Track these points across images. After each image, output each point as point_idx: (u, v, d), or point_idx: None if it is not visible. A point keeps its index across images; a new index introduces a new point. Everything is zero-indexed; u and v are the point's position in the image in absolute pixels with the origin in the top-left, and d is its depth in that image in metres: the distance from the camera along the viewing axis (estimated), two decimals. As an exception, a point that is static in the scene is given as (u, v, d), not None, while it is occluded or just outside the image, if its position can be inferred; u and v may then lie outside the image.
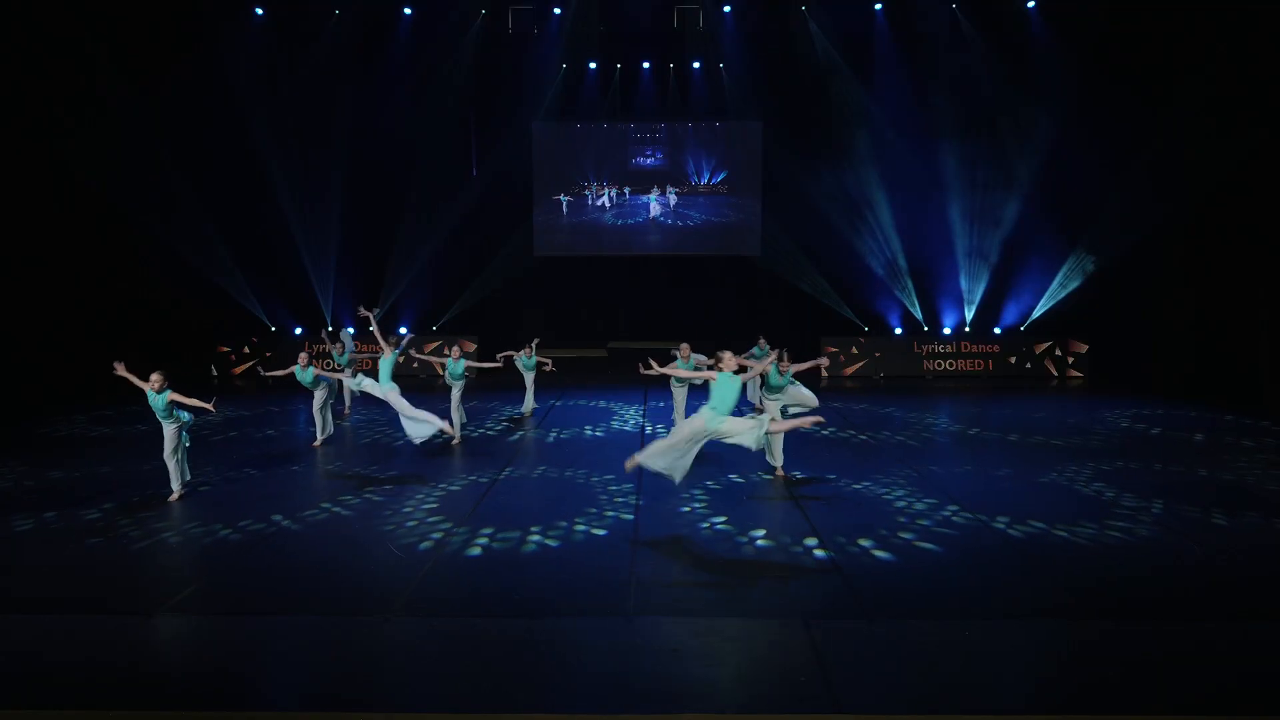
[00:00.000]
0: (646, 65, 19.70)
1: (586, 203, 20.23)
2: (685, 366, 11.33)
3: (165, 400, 8.52)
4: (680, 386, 11.76)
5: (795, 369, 9.59)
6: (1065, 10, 17.19)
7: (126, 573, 6.63)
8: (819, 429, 10.21)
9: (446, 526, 7.75)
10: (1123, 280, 17.21)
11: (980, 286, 18.82)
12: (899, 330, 19.26)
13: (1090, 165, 16.81)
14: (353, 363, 13.50)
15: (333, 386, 11.51)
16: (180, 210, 17.19)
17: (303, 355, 11.21)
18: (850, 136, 18.52)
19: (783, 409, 9.73)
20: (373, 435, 12.21)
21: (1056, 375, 18.18)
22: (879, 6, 18.43)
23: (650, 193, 20.17)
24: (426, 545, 7.25)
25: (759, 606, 6.00)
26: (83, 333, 15.73)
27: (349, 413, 13.62)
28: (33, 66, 14.55)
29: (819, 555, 7.01)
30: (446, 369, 12.15)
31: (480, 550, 7.15)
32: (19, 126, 14.38)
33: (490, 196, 19.58)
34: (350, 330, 14.61)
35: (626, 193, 20.23)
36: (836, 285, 19.31)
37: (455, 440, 11.42)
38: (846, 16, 18.39)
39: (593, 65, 19.63)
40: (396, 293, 19.12)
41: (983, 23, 17.99)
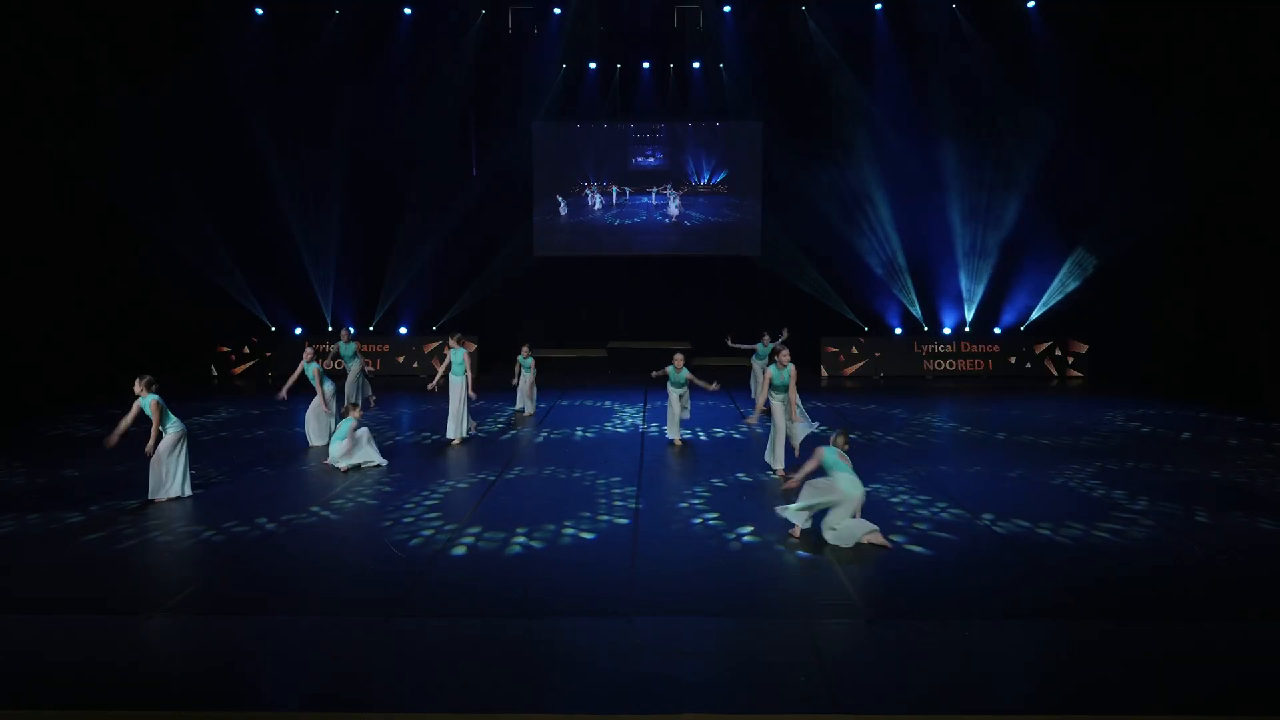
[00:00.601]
0: (646, 65, 19.71)
1: (586, 203, 20.24)
2: (676, 378, 11.38)
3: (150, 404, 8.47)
4: (678, 389, 11.54)
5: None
6: (1065, 10, 17.20)
7: (126, 573, 6.63)
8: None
9: (446, 526, 7.75)
10: (1123, 280, 17.21)
11: (980, 286, 18.82)
12: (899, 330, 19.26)
13: (1090, 165, 16.82)
14: (357, 355, 13.57)
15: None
16: (180, 210, 17.20)
17: (308, 350, 11.36)
18: (850, 136, 18.52)
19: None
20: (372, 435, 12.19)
21: (1056, 375, 18.18)
22: (879, 6, 18.44)
23: (650, 193, 20.18)
24: (426, 545, 7.25)
25: (759, 606, 6.00)
26: (83, 333, 15.75)
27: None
28: (33, 66, 14.56)
29: (819, 556, 7.01)
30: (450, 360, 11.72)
31: (480, 550, 7.15)
32: (19, 126, 14.39)
33: (490, 196, 19.59)
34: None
35: (627, 192, 20.24)
36: (837, 285, 19.32)
37: (456, 441, 11.45)
38: (846, 16, 18.40)
39: (593, 65, 19.64)
40: (396, 293, 19.13)
41: (983, 22, 18.01)
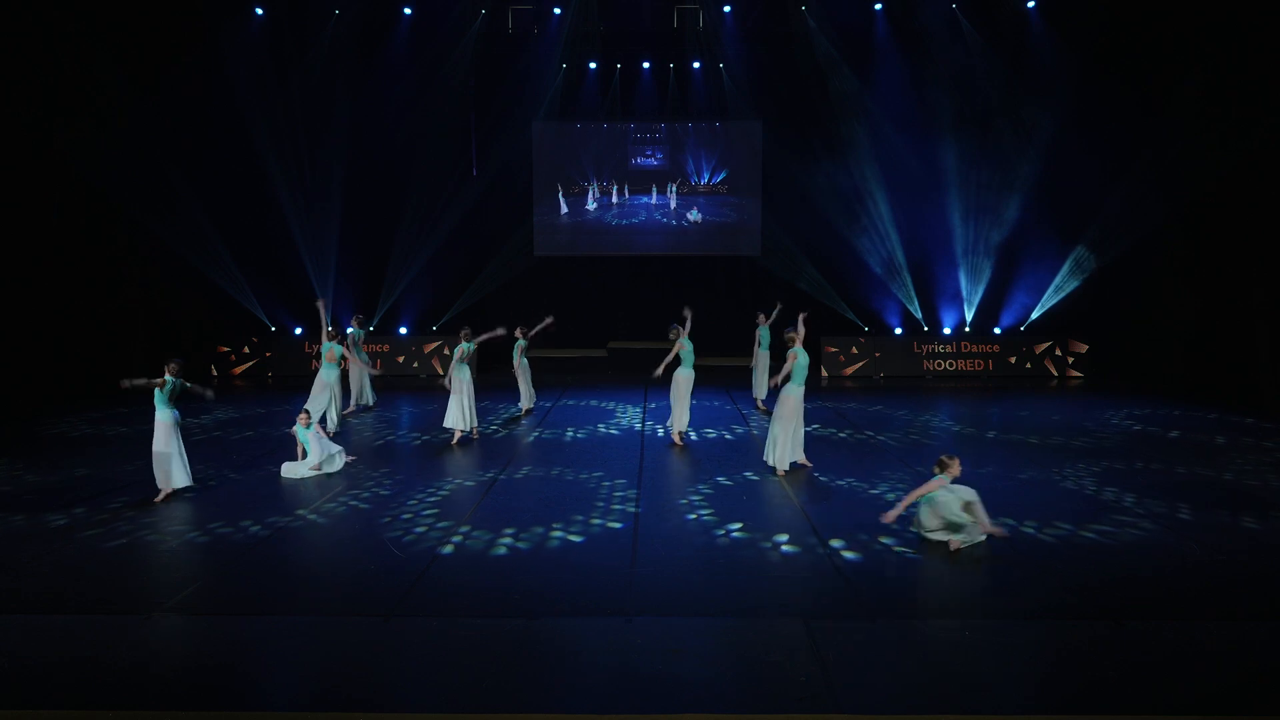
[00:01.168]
0: (646, 65, 19.70)
1: (586, 203, 20.24)
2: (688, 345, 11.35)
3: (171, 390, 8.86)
4: (686, 377, 11.36)
5: None
6: (1065, 10, 17.20)
7: (126, 573, 6.64)
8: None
9: (446, 526, 7.76)
10: (1123, 280, 17.21)
11: (980, 286, 18.82)
12: (899, 330, 19.25)
13: (1090, 165, 16.81)
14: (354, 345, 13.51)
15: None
16: (180, 210, 17.18)
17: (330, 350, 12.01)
18: (850, 136, 18.50)
19: None
20: (373, 435, 12.21)
21: (1056, 375, 18.17)
22: (879, 6, 18.43)
23: (650, 193, 20.17)
24: (426, 545, 7.25)
25: (759, 606, 6.00)
26: (83, 333, 15.74)
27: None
28: (33, 66, 14.55)
29: (819, 555, 7.02)
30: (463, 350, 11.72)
31: (480, 550, 7.15)
32: (19, 126, 14.37)
33: (490, 196, 19.57)
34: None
35: (626, 190, 20.23)
36: (836, 285, 19.30)
37: (465, 435, 11.63)
38: (846, 16, 18.40)
39: (593, 65, 19.62)
40: (397, 293, 19.12)
41: (983, 23, 18.00)
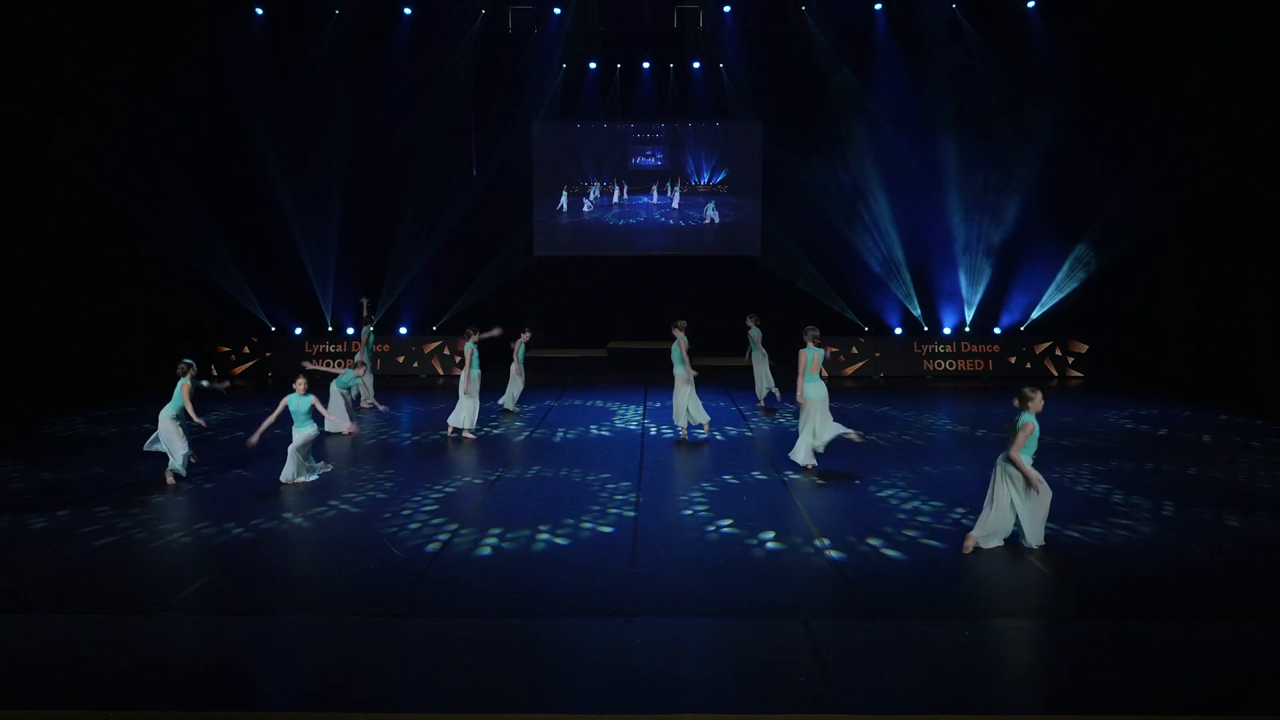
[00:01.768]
0: (646, 65, 19.70)
1: (586, 203, 20.25)
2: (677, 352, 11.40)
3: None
4: (686, 383, 11.42)
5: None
6: (1065, 10, 17.20)
7: (126, 573, 6.63)
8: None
9: (446, 526, 7.76)
10: (1123, 280, 17.21)
11: (980, 286, 18.82)
12: (899, 330, 19.25)
13: (1090, 165, 16.81)
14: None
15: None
16: (180, 210, 17.19)
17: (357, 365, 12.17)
18: (850, 136, 18.51)
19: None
20: (373, 435, 12.21)
21: (1056, 375, 18.17)
22: (879, 6, 18.43)
23: (650, 193, 20.18)
24: (426, 545, 7.25)
25: (759, 606, 6.00)
26: (83, 333, 15.74)
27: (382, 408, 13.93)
28: (33, 66, 14.55)
29: (819, 555, 7.02)
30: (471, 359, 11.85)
31: (480, 550, 7.15)
32: (19, 126, 14.37)
33: (490, 196, 19.57)
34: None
35: (626, 189, 20.23)
36: (836, 285, 19.30)
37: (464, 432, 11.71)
38: (846, 16, 18.39)
39: (593, 65, 19.62)
40: (397, 293, 19.12)
41: (983, 23, 17.99)
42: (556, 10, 18.61)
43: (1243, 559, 6.91)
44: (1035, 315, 18.70)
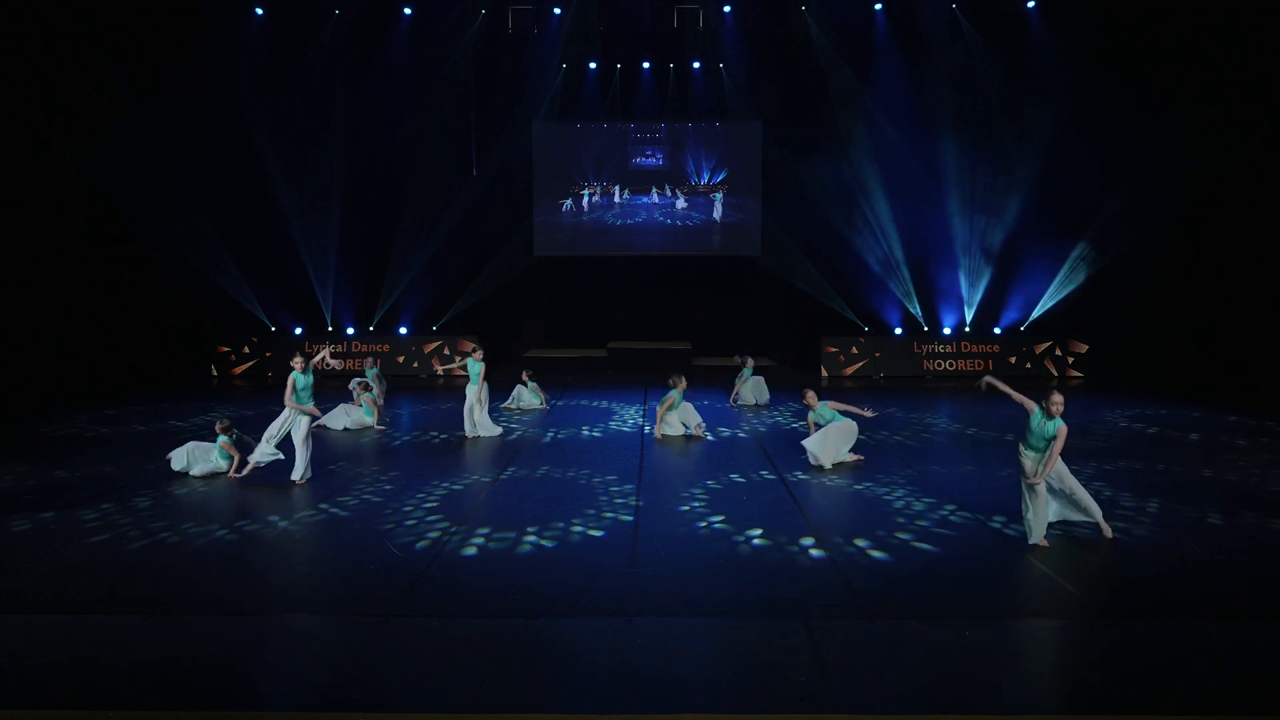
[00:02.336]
0: (646, 65, 19.69)
1: (586, 203, 20.25)
2: (680, 400, 11.83)
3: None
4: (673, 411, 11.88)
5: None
6: (1065, 10, 17.20)
7: (127, 573, 6.63)
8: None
9: (446, 526, 7.76)
10: (1123, 280, 17.20)
11: (980, 286, 18.82)
12: (899, 330, 19.25)
13: (1090, 165, 16.80)
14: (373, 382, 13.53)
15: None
16: (180, 210, 17.19)
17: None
18: (850, 136, 18.51)
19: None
20: (374, 435, 12.21)
21: (1056, 375, 18.17)
22: (879, 6, 18.42)
23: (650, 193, 20.19)
24: (426, 545, 7.25)
25: (759, 606, 6.00)
26: (83, 333, 15.74)
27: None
28: (33, 66, 14.55)
29: (818, 555, 7.02)
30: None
31: (480, 550, 7.15)
32: (20, 126, 14.37)
33: (490, 196, 19.56)
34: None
35: (626, 191, 20.24)
36: (836, 285, 19.30)
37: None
38: (846, 16, 18.39)
39: (593, 65, 19.61)
40: (397, 293, 19.12)
41: (983, 23, 17.99)
42: (556, 10, 18.60)
43: (1243, 559, 6.91)
44: (1035, 315, 18.70)
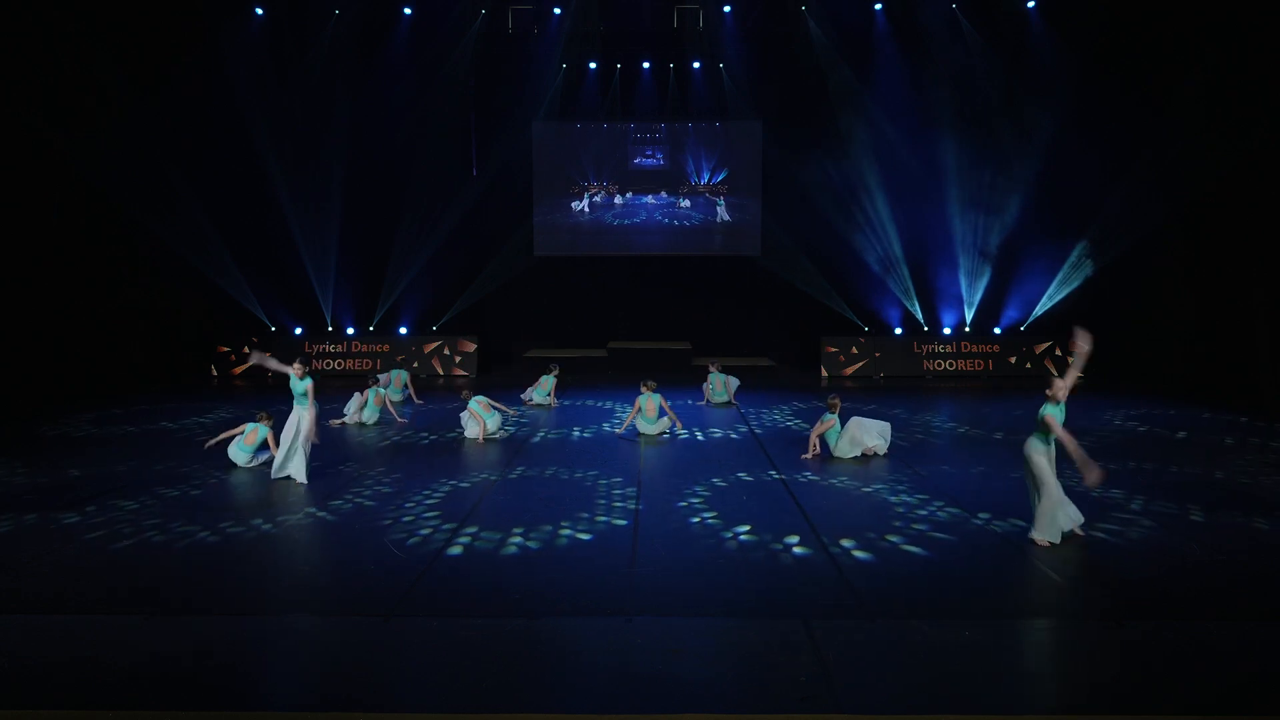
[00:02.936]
0: (646, 65, 19.70)
1: (586, 203, 20.26)
2: (652, 400, 11.85)
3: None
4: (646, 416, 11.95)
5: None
6: (1065, 10, 17.20)
7: (127, 573, 6.63)
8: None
9: (447, 526, 7.75)
10: (1123, 280, 17.21)
11: (980, 286, 18.82)
12: (899, 330, 19.25)
13: (1090, 165, 16.81)
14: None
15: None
16: (180, 210, 17.19)
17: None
18: (850, 136, 18.51)
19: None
20: (374, 434, 12.22)
21: (1057, 375, 18.09)
22: (879, 6, 18.43)
23: (653, 193, 20.20)
24: (426, 545, 7.25)
25: (759, 606, 6.00)
26: (83, 333, 15.74)
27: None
28: (33, 66, 14.55)
29: (819, 555, 7.02)
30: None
31: (480, 550, 7.15)
32: (20, 126, 14.37)
33: (490, 196, 19.57)
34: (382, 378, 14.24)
35: (630, 192, 20.25)
36: (837, 285, 19.31)
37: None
38: (846, 16, 18.40)
39: (593, 65, 19.62)
40: (397, 293, 19.13)
41: (983, 23, 18.00)
42: (556, 10, 18.60)
43: (1243, 559, 6.90)
44: (1035, 315, 18.70)
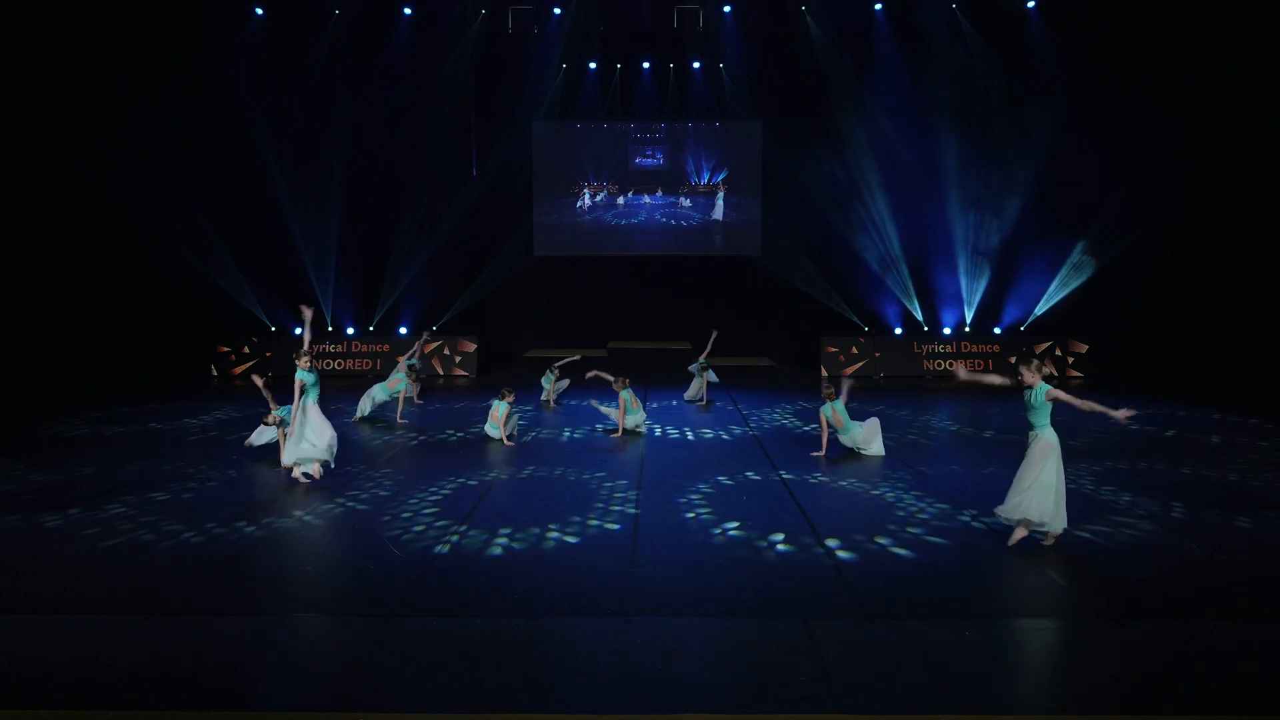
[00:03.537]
0: (646, 65, 19.70)
1: (586, 203, 20.26)
2: (625, 397, 11.99)
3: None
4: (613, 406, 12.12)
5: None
6: (1065, 10, 17.20)
7: (126, 573, 6.63)
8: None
9: (447, 526, 7.75)
10: (1123, 280, 17.21)
11: (980, 286, 18.82)
12: (899, 330, 19.25)
13: (1090, 165, 16.81)
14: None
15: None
16: (180, 210, 17.19)
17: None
18: (850, 136, 18.51)
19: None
20: (374, 434, 12.21)
21: (1056, 375, 18.15)
22: (879, 6, 18.43)
23: (653, 193, 20.20)
24: (426, 545, 7.25)
25: (759, 606, 6.00)
26: (83, 333, 15.73)
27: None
28: (33, 66, 14.54)
29: (819, 555, 7.02)
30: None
31: (480, 550, 7.15)
32: (20, 126, 14.37)
33: (490, 196, 19.58)
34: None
35: (629, 194, 20.25)
36: (837, 285, 19.31)
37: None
38: (846, 16, 18.40)
39: (593, 65, 19.62)
40: (397, 293, 19.13)
41: (983, 22, 17.99)
42: (556, 10, 18.60)
43: (1243, 559, 6.91)
44: (1036, 315, 18.70)
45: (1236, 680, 4.95)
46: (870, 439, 10.67)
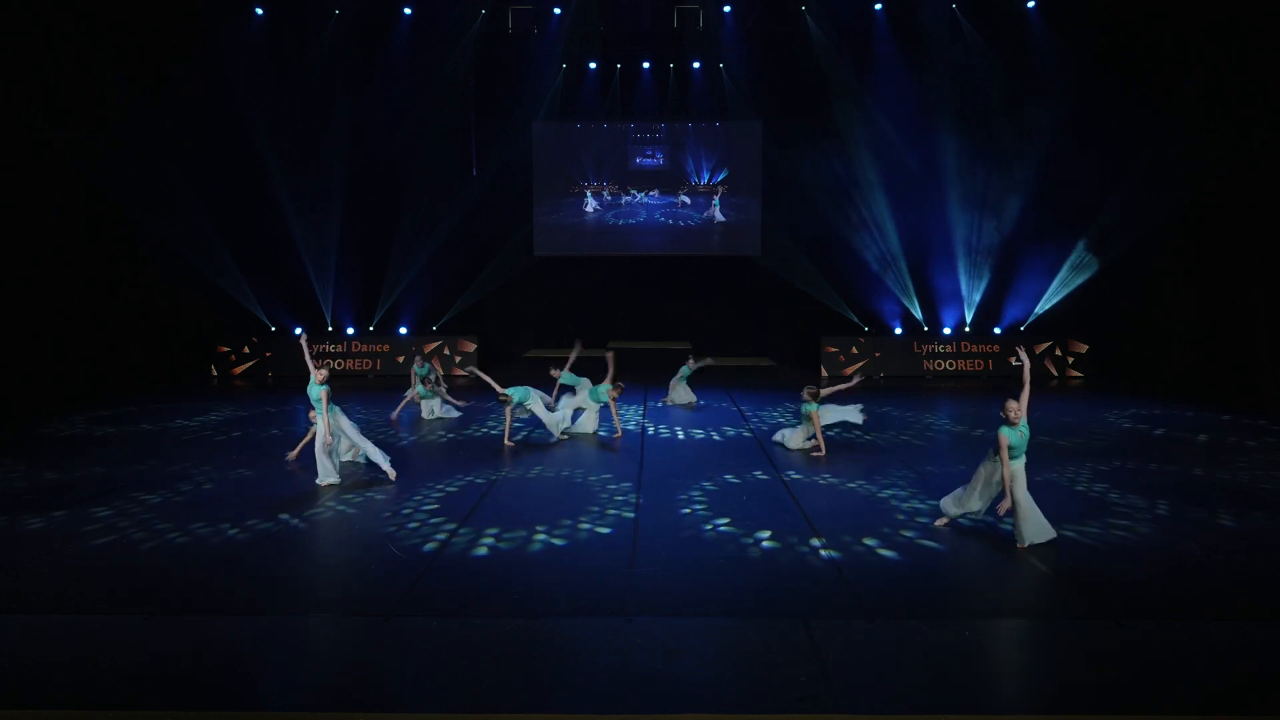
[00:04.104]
0: (646, 65, 19.70)
1: (586, 202, 20.26)
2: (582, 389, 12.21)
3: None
4: (576, 399, 12.21)
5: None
6: (1065, 10, 17.20)
7: (126, 573, 6.63)
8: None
9: (447, 526, 7.75)
10: (1123, 280, 17.20)
11: (980, 286, 18.82)
12: (899, 330, 19.25)
13: (1090, 165, 16.81)
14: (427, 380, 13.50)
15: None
16: (180, 210, 17.19)
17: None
18: (850, 136, 18.51)
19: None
20: (374, 435, 12.21)
21: (1056, 375, 18.17)
22: (879, 6, 18.42)
23: (652, 192, 20.20)
24: (427, 545, 7.25)
25: (759, 606, 6.00)
26: (83, 333, 15.73)
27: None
28: (33, 66, 14.54)
29: (819, 555, 7.02)
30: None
31: (480, 550, 7.15)
32: (20, 126, 14.37)
33: (490, 196, 19.57)
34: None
35: (631, 194, 20.25)
36: (837, 285, 19.31)
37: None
38: (846, 16, 18.40)
39: (593, 65, 19.62)
40: (397, 293, 19.12)
41: (983, 22, 17.99)
42: (556, 10, 18.60)
43: (1242, 559, 6.91)
44: (1036, 315, 18.70)
45: (1236, 680, 4.95)
46: (845, 414, 11.13)
